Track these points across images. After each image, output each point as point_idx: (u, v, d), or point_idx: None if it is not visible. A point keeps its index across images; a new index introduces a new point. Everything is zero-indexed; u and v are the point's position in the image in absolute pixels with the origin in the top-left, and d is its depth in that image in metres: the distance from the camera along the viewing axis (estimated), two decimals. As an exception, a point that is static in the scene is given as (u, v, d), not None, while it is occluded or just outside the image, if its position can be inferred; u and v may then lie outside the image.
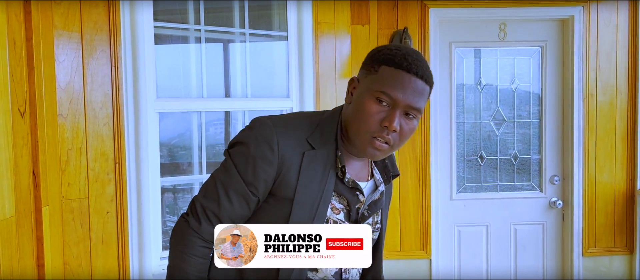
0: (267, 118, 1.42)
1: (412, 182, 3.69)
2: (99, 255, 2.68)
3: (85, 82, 2.62)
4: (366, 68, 1.38)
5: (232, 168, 1.39)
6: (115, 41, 2.69)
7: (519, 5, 3.66)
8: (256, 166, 1.36)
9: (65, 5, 2.54)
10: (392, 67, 1.32)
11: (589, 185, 3.76)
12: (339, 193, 1.43)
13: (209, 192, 1.42)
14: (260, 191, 1.39)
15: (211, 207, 1.40)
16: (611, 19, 3.72)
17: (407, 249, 3.72)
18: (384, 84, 1.32)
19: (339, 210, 1.45)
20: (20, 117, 2.22)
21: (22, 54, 2.25)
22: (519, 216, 3.87)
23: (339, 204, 1.45)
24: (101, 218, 2.69)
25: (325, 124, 1.43)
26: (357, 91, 1.38)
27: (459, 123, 3.83)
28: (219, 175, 1.42)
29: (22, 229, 2.22)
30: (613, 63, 3.73)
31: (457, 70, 3.79)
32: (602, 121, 3.74)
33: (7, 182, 2.11)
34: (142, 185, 2.81)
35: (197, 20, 3.10)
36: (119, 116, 2.72)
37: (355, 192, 1.45)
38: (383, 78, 1.32)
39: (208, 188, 1.42)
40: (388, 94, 1.31)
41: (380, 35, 3.60)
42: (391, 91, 1.31)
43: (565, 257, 3.87)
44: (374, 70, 1.35)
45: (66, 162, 2.57)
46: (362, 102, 1.34)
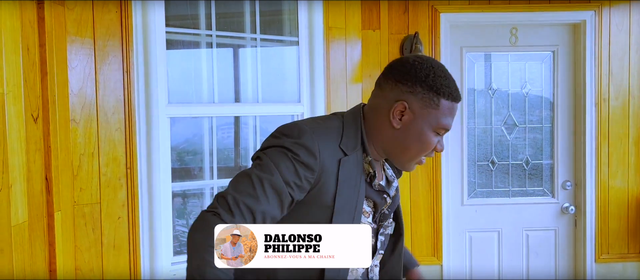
0: (303, 124, 1.42)
1: (423, 187, 3.68)
2: (111, 260, 2.69)
3: (97, 88, 2.63)
4: (422, 98, 1.38)
5: (271, 166, 1.34)
6: (128, 47, 2.70)
7: (530, 10, 3.65)
8: (298, 170, 1.35)
9: (78, 11, 2.56)
10: (450, 101, 1.39)
11: (602, 190, 3.73)
12: (368, 196, 1.47)
13: (243, 186, 1.34)
14: (296, 195, 1.37)
15: (246, 201, 1.32)
16: (623, 23, 3.69)
17: (418, 254, 3.70)
18: (445, 119, 1.40)
19: (369, 213, 1.49)
20: (33, 123, 2.23)
21: (35, 60, 2.26)
22: (531, 222, 3.84)
23: (367, 207, 1.49)
24: (113, 223, 2.69)
25: (350, 130, 1.44)
26: (413, 121, 1.40)
27: (470, 128, 3.81)
28: (255, 171, 1.35)
29: (34, 233, 2.23)
30: (625, 67, 3.71)
31: (468, 75, 3.78)
32: (614, 126, 3.71)
33: (20, 187, 2.12)
34: (154, 190, 2.82)
35: (208, 25, 3.11)
36: (131, 121, 2.73)
37: (383, 195, 1.50)
38: (444, 114, 1.39)
39: (240, 183, 1.34)
40: (446, 128, 1.42)
41: (391, 40, 3.59)
42: (449, 125, 1.41)
43: (577, 263, 3.83)
44: (434, 104, 1.38)
45: (78, 167, 2.58)
46: (422, 133, 1.40)
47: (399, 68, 1.42)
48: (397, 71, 1.42)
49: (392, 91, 1.41)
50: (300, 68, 3.24)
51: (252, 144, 3.31)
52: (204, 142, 3.18)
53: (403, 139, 1.42)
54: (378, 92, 1.46)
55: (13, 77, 2.08)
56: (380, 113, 1.43)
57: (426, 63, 1.40)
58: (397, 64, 1.44)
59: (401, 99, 1.39)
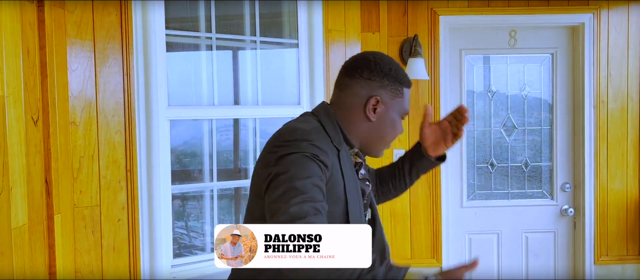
0: (298, 126, 1.46)
1: (423, 190, 3.68)
2: (111, 263, 2.69)
3: (97, 90, 2.63)
4: (390, 90, 1.52)
5: (302, 170, 1.34)
6: (127, 49, 2.70)
7: (530, 13, 3.65)
8: (321, 168, 1.38)
9: (78, 13, 2.56)
10: (408, 88, 1.57)
11: (601, 192, 3.74)
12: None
13: (297, 192, 1.32)
14: (324, 191, 1.38)
15: (311, 201, 1.31)
16: (622, 26, 3.70)
17: (417, 256, 3.70)
18: (407, 104, 1.56)
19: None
20: (33, 125, 2.23)
21: (35, 62, 2.26)
22: (530, 224, 3.85)
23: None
24: (113, 225, 2.69)
25: (329, 127, 1.51)
26: (386, 112, 1.52)
27: (470, 130, 3.82)
28: (291, 181, 1.33)
29: (34, 236, 2.22)
30: (624, 70, 3.72)
31: (467, 77, 3.78)
32: (613, 128, 3.72)
33: (20, 190, 2.12)
34: (154, 192, 2.82)
35: (208, 27, 3.11)
36: (131, 124, 2.73)
37: (366, 182, 1.60)
38: (407, 100, 1.56)
39: (289, 193, 1.32)
40: (408, 112, 1.57)
41: (391, 43, 3.60)
42: (408, 109, 1.57)
43: (577, 265, 3.84)
44: (400, 93, 1.53)
45: (78, 169, 2.58)
46: (394, 121, 1.55)
47: (364, 66, 1.51)
48: (363, 69, 1.51)
49: (363, 89, 1.50)
50: (299, 70, 3.24)
51: (251, 146, 3.31)
52: (203, 145, 3.18)
53: (379, 129, 1.53)
54: (346, 91, 1.53)
55: (13, 80, 2.08)
56: (354, 110, 1.52)
57: (385, 58, 1.54)
58: (361, 63, 1.52)
59: (373, 94, 1.50)
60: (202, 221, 3.37)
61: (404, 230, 3.68)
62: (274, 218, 1.32)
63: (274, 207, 1.33)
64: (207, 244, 3.23)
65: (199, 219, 3.40)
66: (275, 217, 1.32)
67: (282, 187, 1.34)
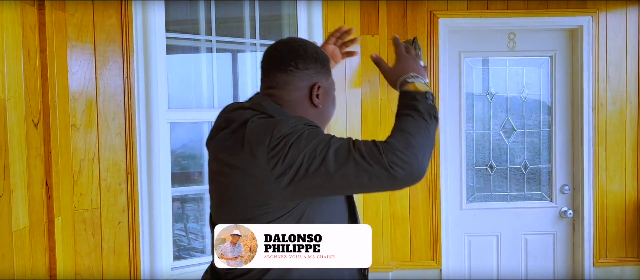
0: (284, 115, 1.43)
1: (422, 192, 3.69)
2: (111, 265, 2.69)
3: (97, 93, 2.63)
4: (323, 72, 1.52)
5: (312, 135, 1.34)
6: (128, 52, 2.71)
7: (528, 15, 3.66)
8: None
9: (79, 16, 2.57)
10: (329, 62, 1.59)
11: (600, 194, 3.75)
12: None
13: (324, 138, 1.33)
14: None
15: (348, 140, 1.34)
16: (620, 28, 3.71)
17: (417, 258, 3.71)
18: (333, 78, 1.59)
19: None
20: (34, 128, 2.24)
21: (36, 65, 2.27)
22: (530, 226, 3.85)
23: None
24: (113, 228, 2.70)
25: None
26: (327, 93, 1.54)
27: (469, 132, 3.83)
28: (311, 143, 1.31)
29: (35, 239, 2.23)
30: (623, 72, 3.73)
31: (466, 79, 3.79)
32: (612, 130, 3.73)
33: (21, 192, 2.12)
34: (154, 195, 2.82)
35: (208, 30, 3.12)
36: (131, 126, 2.73)
37: None
38: (332, 74, 1.58)
39: (320, 145, 1.31)
40: (334, 85, 1.60)
41: (390, 45, 3.60)
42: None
43: (576, 267, 3.84)
44: (328, 72, 1.55)
45: (79, 172, 2.58)
46: (333, 98, 1.58)
47: (296, 58, 1.48)
48: (297, 61, 1.48)
49: (302, 80, 1.48)
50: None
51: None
52: (203, 147, 3.18)
53: (325, 112, 1.54)
54: (287, 88, 1.48)
55: (14, 83, 2.09)
56: (300, 102, 1.49)
57: (308, 43, 1.54)
58: (290, 56, 1.48)
59: (313, 81, 1.50)
60: (201, 223, 3.38)
61: (403, 233, 3.69)
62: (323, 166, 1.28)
63: (317, 163, 1.29)
64: (206, 246, 3.24)
65: (199, 221, 3.41)
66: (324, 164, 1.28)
67: (309, 153, 1.30)
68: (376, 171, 1.27)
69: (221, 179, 1.46)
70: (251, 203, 1.38)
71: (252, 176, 1.36)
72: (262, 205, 1.37)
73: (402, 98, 1.44)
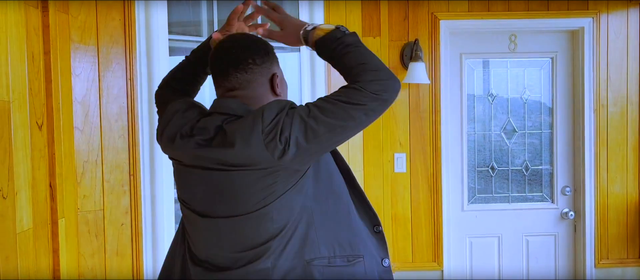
0: (263, 110, 1.42)
1: (424, 193, 3.69)
2: (114, 267, 2.69)
3: (101, 95, 2.64)
4: (275, 60, 1.54)
5: (297, 108, 1.40)
6: (131, 54, 2.71)
7: (529, 17, 3.67)
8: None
9: (82, 18, 2.57)
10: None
11: (601, 196, 3.75)
12: None
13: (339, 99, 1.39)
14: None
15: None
16: (621, 30, 3.72)
17: (418, 260, 3.71)
18: None
19: None
20: (38, 130, 2.24)
21: (40, 67, 2.27)
22: (531, 227, 3.86)
23: None
24: (116, 230, 2.70)
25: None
26: (281, 77, 1.57)
27: (470, 134, 3.83)
28: (303, 113, 1.38)
29: (39, 241, 2.23)
30: (624, 74, 3.74)
31: (467, 81, 3.80)
32: (613, 132, 3.74)
33: (25, 194, 2.13)
34: (157, 197, 2.83)
35: (210, 32, 3.12)
36: (134, 128, 2.74)
37: None
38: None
39: (314, 113, 1.38)
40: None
41: (391, 47, 3.61)
42: None
43: (577, 268, 3.85)
44: (275, 55, 1.55)
45: (82, 174, 2.59)
46: (284, 79, 1.61)
47: (253, 54, 1.48)
48: (254, 57, 1.48)
49: (262, 74, 1.49)
50: (301, 75, 3.25)
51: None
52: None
53: (283, 96, 1.57)
54: (251, 85, 1.48)
55: (18, 85, 2.09)
56: (264, 95, 1.50)
57: (252, 36, 1.55)
58: (245, 54, 1.47)
59: (271, 72, 1.51)
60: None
61: (405, 234, 3.69)
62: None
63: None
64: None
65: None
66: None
67: (304, 125, 1.36)
68: (370, 106, 1.37)
69: (214, 178, 1.45)
70: (257, 190, 1.40)
71: (251, 165, 1.37)
72: (269, 186, 1.39)
73: (324, 45, 1.49)
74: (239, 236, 1.44)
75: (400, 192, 3.68)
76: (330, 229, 1.46)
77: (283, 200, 1.40)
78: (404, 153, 3.66)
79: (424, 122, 3.67)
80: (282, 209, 1.41)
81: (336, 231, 1.48)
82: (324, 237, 1.45)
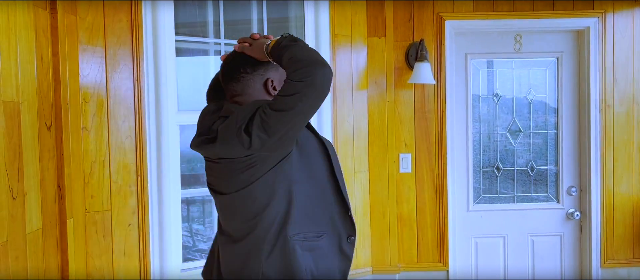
0: (242, 107, 1.66)
1: (429, 194, 3.70)
2: (121, 267, 2.70)
3: (108, 95, 2.65)
4: (272, 67, 1.74)
5: (261, 108, 1.58)
6: (138, 55, 2.72)
7: (535, 17, 3.67)
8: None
9: (90, 20, 2.58)
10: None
11: (607, 196, 3.75)
12: None
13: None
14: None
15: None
16: (627, 30, 3.72)
17: (424, 260, 3.72)
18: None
19: None
20: (47, 131, 2.26)
21: (48, 69, 2.28)
22: (537, 227, 3.86)
23: None
24: (123, 230, 2.71)
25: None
26: (279, 80, 1.75)
27: (475, 134, 3.83)
28: (267, 109, 1.56)
29: (47, 241, 2.24)
30: (629, 74, 3.73)
31: (472, 81, 3.80)
32: (619, 132, 3.74)
33: (34, 194, 2.14)
34: (164, 197, 2.84)
35: (216, 33, 3.14)
36: (141, 129, 2.75)
37: None
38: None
39: (276, 105, 1.56)
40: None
41: (397, 48, 3.62)
42: None
43: (583, 269, 3.85)
44: (276, 65, 1.73)
45: (90, 174, 2.60)
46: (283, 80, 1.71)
47: (245, 64, 1.73)
48: (246, 66, 1.72)
49: (255, 81, 1.73)
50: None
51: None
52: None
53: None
54: (243, 91, 1.73)
55: (28, 86, 2.10)
56: (259, 97, 1.73)
57: (244, 54, 1.76)
58: (239, 64, 1.73)
59: (266, 78, 1.74)
60: (207, 225, 3.39)
61: (410, 235, 3.69)
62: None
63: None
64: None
65: (204, 222, 3.42)
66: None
67: (265, 120, 1.55)
68: (302, 92, 1.52)
69: (215, 167, 1.74)
70: (239, 173, 1.66)
71: (231, 156, 1.64)
72: (248, 169, 1.64)
73: (272, 53, 1.66)
74: (237, 210, 1.73)
75: (405, 192, 3.68)
76: (308, 209, 1.70)
77: (263, 181, 1.64)
78: (409, 153, 3.67)
79: (429, 122, 3.67)
80: (264, 188, 1.65)
81: (312, 211, 1.71)
82: (302, 215, 1.69)
